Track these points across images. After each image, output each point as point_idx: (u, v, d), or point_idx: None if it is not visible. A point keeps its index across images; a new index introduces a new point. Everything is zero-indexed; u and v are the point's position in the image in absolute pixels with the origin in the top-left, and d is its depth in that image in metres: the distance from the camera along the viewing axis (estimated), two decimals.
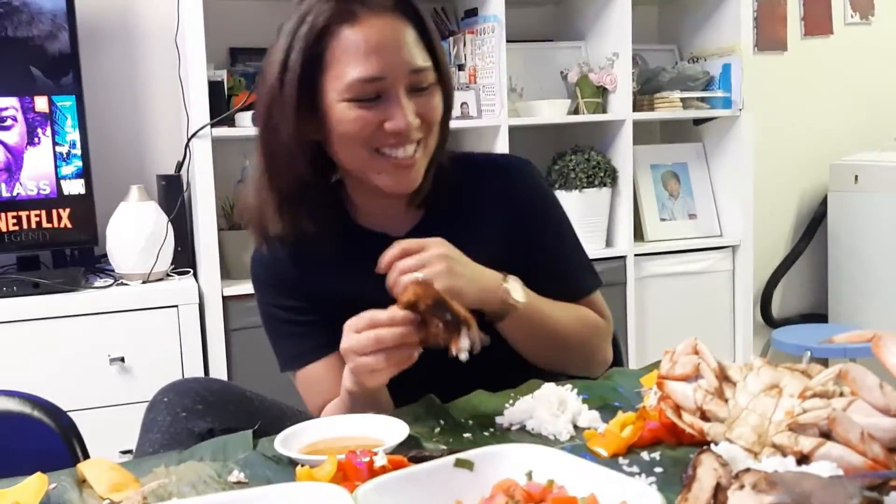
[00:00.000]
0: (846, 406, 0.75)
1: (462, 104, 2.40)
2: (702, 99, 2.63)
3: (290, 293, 1.19)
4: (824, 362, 3.13)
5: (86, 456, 1.07)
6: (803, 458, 0.74)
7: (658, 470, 0.81)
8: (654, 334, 2.63)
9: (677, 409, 0.86)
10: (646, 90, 2.60)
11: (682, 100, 2.57)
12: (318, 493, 0.65)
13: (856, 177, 3.00)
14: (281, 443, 0.89)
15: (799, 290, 3.25)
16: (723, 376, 0.84)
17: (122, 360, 2.06)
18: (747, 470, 0.67)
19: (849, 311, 3.04)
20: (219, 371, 2.14)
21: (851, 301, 3.03)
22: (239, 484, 0.82)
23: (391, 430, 0.91)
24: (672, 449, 0.86)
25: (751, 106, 2.65)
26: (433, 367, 1.00)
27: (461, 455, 0.71)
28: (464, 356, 0.92)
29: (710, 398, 0.83)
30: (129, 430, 2.06)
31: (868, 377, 0.76)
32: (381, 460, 0.79)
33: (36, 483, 0.77)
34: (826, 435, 0.75)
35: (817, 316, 3.22)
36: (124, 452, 2.06)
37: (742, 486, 0.63)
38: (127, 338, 2.07)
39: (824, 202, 3.15)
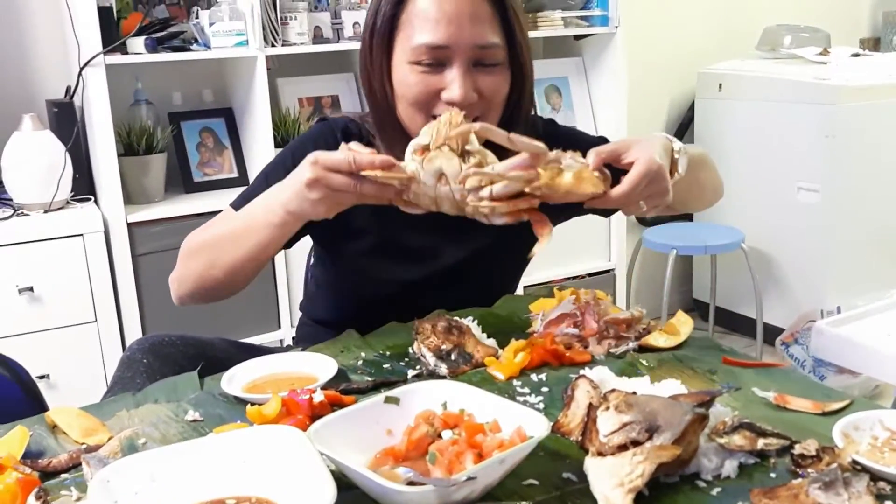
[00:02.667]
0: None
1: (315, 27, 2.42)
2: (581, 17, 2.77)
3: None
4: (689, 260, 3.47)
5: (43, 403, 1.17)
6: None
7: (544, 390, 1.00)
8: None
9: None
10: (528, 8, 2.72)
11: (563, 18, 2.71)
12: (278, 435, 0.80)
13: (720, 85, 3.25)
14: (227, 383, 1.02)
15: None
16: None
17: (32, 289, 2.10)
18: (612, 391, 0.86)
19: (711, 209, 3.31)
20: (128, 297, 2.22)
21: None
22: (195, 422, 0.96)
23: (321, 365, 1.06)
24: (555, 370, 1.05)
25: (626, 19, 2.81)
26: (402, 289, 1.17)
27: (389, 393, 0.87)
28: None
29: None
30: (44, 357, 2.14)
31: (496, 132, 0.98)
32: (318, 396, 0.94)
33: (18, 434, 0.89)
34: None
35: (683, 214, 3.53)
36: (40, 378, 2.14)
37: (608, 408, 0.82)
38: (34, 268, 2.10)
39: (691, 108, 3.40)
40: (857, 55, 3.15)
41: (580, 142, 1.35)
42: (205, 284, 1.19)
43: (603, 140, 1.35)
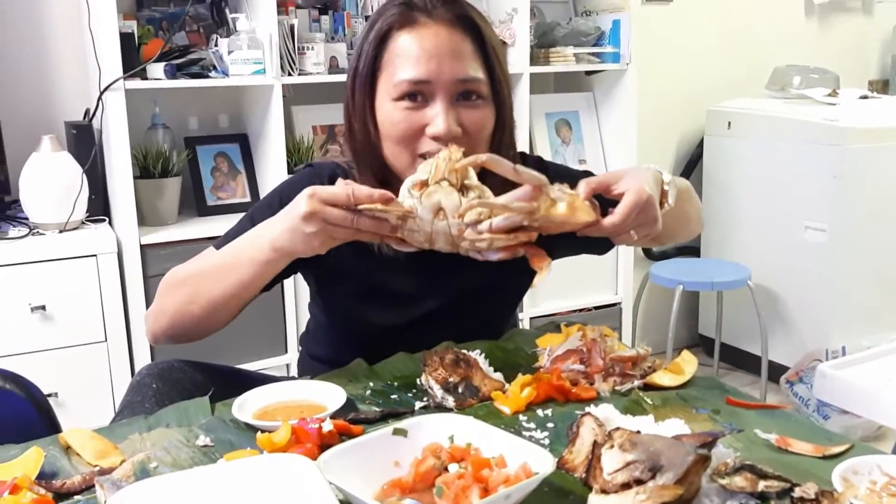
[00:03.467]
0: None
1: (331, 57, 2.46)
2: (593, 53, 2.81)
3: None
4: (696, 295, 3.48)
5: (56, 424, 1.18)
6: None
7: (550, 425, 1.01)
8: None
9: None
10: (542, 44, 2.77)
11: (575, 54, 2.75)
12: (288, 463, 0.81)
13: (729, 123, 3.28)
14: (237, 409, 1.04)
15: None
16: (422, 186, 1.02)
17: (44, 308, 2.13)
18: (617, 429, 0.88)
19: (718, 245, 3.37)
20: (139, 318, 2.24)
21: (721, 236, 3.36)
22: (206, 447, 0.98)
23: (330, 394, 1.08)
24: (561, 406, 1.06)
25: (637, 55, 2.85)
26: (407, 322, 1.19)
27: (397, 425, 0.89)
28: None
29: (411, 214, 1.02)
30: (53, 375, 2.16)
31: (503, 163, 0.99)
32: (328, 426, 0.96)
33: (33, 455, 0.91)
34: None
35: (691, 249, 3.55)
36: (48, 395, 2.15)
37: (612, 446, 0.83)
38: (47, 286, 2.13)
39: (700, 145, 3.43)
40: (865, 97, 3.18)
41: (569, 176, 1.29)
42: (182, 320, 1.18)
43: (589, 174, 1.31)
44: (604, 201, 1.07)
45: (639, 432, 0.86)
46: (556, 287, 2.80)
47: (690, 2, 3.39)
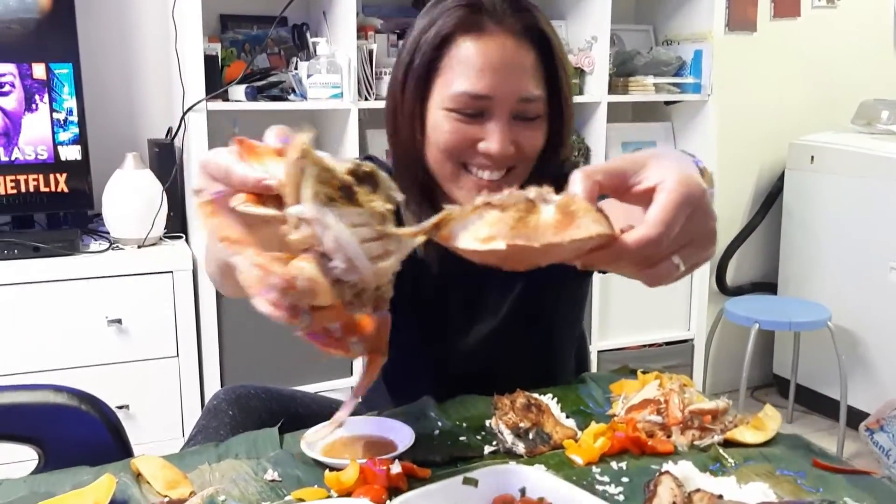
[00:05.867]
0: None
1: None
2: (673, 83, 2.76)
3: None
4: (771, 334, 3.36)
5: (127, 445, 1.20)
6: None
7: (625, 479, 0.97)
8: (616, 299, 2.81)
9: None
10: (621, 72, 2.73)
11: (655, 84, 2.70)
12: None
13: (812, 157, 3.18)
14: (306, 445, 1.03)
15: (752, 261, 3.46)
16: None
17: (120, 321, 2.17)
18: (697, 490, 0.84)
19: (796, 282, 3.26)
20: (210, 335, 2.28)
21: (799, 272, 3.25)
22: (274, 482, 0.97)
23: (399, 432, 1.07)
24: (636, 458, 1.02)
25: (718, 84, 2.78)
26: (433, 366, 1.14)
27: (468, 474, 0.86)
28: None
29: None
30: (126, 387, 2.21)
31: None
32: (396, 468, 0.94)
33: (106, 483, 0.91)
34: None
35: (767, 285, 3.44)
36: (119, 408, 2.20)
37: None
38: (124, 300, 2.18)
39: (781, 179, 3.33)
40: None
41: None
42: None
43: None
44: None
45: (721, 497, 0.82)
46: (627, 321, 2.75)
47: (775, 32, 3.31)
